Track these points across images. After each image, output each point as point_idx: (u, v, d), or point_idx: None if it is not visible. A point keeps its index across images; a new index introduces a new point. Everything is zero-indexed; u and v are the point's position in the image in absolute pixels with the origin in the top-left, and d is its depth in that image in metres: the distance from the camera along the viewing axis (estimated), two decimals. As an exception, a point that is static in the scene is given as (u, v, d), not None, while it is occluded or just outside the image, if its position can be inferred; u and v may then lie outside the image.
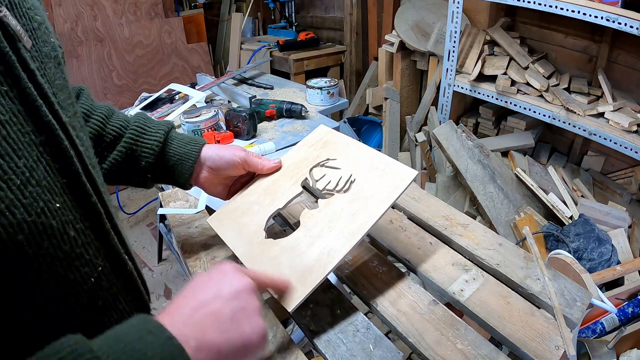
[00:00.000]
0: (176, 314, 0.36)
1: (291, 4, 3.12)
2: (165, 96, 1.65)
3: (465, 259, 0.70)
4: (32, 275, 0.31)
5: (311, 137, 0.74)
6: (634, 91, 1.51)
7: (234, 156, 0.64)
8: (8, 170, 0.29)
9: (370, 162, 0.65)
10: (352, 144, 0.70)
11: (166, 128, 0.64)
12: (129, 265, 0.42)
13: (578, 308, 0.61)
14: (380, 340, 0.57)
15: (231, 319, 0.37)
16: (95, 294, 0.37)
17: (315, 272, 0.54)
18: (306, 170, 0.68)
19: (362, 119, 2.66)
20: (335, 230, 0.58)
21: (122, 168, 0.60)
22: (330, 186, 0.65)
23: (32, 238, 0.30)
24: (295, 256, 0.57)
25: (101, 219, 0.38)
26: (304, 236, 0.59)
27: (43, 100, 0.33)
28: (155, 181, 0.65)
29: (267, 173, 0.69)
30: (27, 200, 0.30)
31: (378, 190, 0.61)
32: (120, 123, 0.61)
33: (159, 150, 0.62)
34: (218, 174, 0.66)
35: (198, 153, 0.64)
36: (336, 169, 0.67)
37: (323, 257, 0.56)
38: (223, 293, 0.39)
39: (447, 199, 1.59)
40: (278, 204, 0.65)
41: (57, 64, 0.38)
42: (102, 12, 2.53)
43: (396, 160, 0.64)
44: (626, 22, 1.14)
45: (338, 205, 0.61)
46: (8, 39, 0.31)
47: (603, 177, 1.65)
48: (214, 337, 0.35)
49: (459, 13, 1.56)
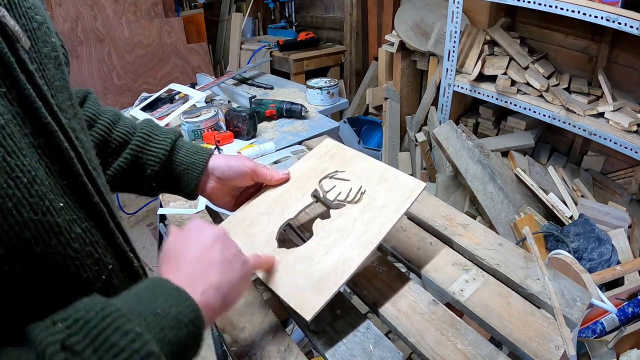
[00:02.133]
0: (178, 273, 0.41)
1: (291, 4, 3.12)
2: (165, 96, 1.65)
3: (465, 259, 0.71)
4: (44, 273, 0.31)
5: (318, 149, 0.75)
6: (634, 91, 1.51)
7: (242, 166, 0.63)
8: (15, 168, 0.29)
9: (379, 174, 0.67)
10: (359, 157, 0.72)
11: (173, 136, 0.63)
12: (135, 263, 0.42)
13: (578, 308, 0.61)
14: (380, 340, 0.57)
15: (222, 260, 0.44)
16: (107, 292, 0.37)
17: (332, 281, 0.55)
18: (315, 182, 0.69)
19: (362, 119, 2.66)
20: (350, 239, 0.59)
21: (127, 175, 0.59)
22: (341, 197, 0.66)
23: (39, 235, 0.30)
24: (310, 265, 0.57)
25: (105, 218, 0.38)
26: (318, 245, 0.60)
27: (42, 101, 0.33)
28: (160, 190, 0.64)
29: (275, 184, 0.69)
30: (34, 199, 0.30)
31: (389, 201, 0.63)
32: (126, 129, 0.60)
33: (165, 158, 0.60)
34: (226, 185, 0.65)
35: (205, 163, 0.63)
36: (346, 180, 0.68)
37: (339, 266, 0.56)
38: (208, 242, 0.45)
39: (447, 199, 1.59)
40: (289, 214, 0.65)
41: (57, 64, 0.38)
42: (102, 12, 2.53)
43: (405, 173, 0.66)
44: (626, 22, 1.14)
45: (350, 216, 0.62)
46: (6, 40, 0.31)
47: (603, 177, 1.65)
48: (214, 279, 0.42)
49: (459, 13, 1.56)
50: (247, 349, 0.57)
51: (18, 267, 0.29)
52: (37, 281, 0.31)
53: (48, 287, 0.32)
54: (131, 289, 0.36)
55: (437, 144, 1.51)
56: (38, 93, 0.33)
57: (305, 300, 0.54)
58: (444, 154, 1.50)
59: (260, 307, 0.64)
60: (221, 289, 0.42)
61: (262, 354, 0.56)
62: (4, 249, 0.28)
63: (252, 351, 0.56)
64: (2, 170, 0.28)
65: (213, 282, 0.41)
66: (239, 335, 0.59)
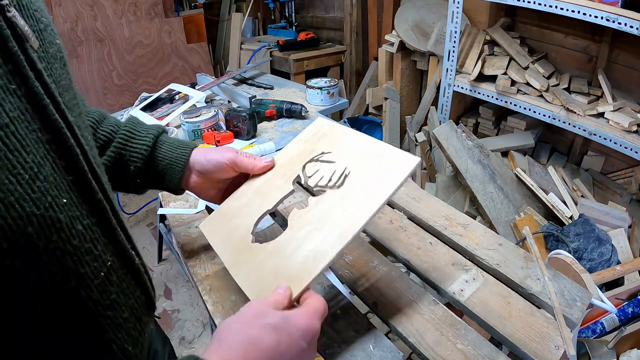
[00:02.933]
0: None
1: (291, 4, 3.13)
2: (165, 96, 1.65)
3: (465, 259, 0.70)
4: (44, 268, 0.32)
5: (307, 131, 0.69)
6: (634, 91, 1.51)
7: (221, 158, 0.62)
8: (17, 165, 0.29)
9: (367, 151, 0.59)
10: (349, 134, 0.63)
11: (156, 132, 0.62)
12: (136, 261, 0.42)
13: (578, 308, 0.61)
14: (380, 340, 0.57)
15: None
16: (105, 288, 0.37)
17: (299, 279, 0.48)
18: (299, 167, 0.63)
19: (362, 119, 2.66)
20: (324, 230, 0.52)
21: (112, 173, 0.59)
22: (322, 182, 0.58)
23: (41, 230, 0.30)
24: (279, 261, 0.51)
25: (107, 215, 0.38)
26: (291, 239, 0.53)
27: (50, 99, 0.33)
28: (146, 187, 0.64)
29: (259, 173, 0.65)
30: (36, 195, 0.30)
31: (374, 182, 0.54)
32: (110, 128, 0.61)
33: (147, 154, 0.61)
34: (208, 178, 0.64)
35: (187, 157, 0.62)
36: (330, 162, 0.61)
37: (308, 262, 0.49)
38: (296, 345, 0.41)
39: (447, 199, 1.59)
40: (267, 204, 0.60)
41: (62, 65, 0.39)
42: (102, 12, 2.53)
43: (397, 148, 0.58)
44: (626, 22, 1.14)
45: (329, 203, 0.55)
46: (17, 39, 0.31)
47: (603, 177, 1.65)
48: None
49: (459, 13, 1.56)
50: (247, 349, 0.57)
51: (20, 261, 0.30)
52: (38, 277, 0.31)
53: (47, 282, 0.32)
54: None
55: (437, 144, 1.51)
56: (46, 91, 0.33)
57: None
58: (444, 154, 1.50)
59: (260, 307, 0.63)
60: None
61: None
62: (7, 243, 0.28)
63: (252, 351, 0.56)
64: (3, 167, 0.28)
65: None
66: (239, 335, 0.59)
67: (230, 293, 0.66)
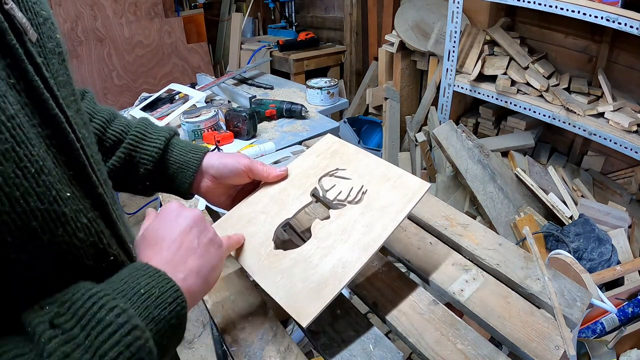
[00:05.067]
0: (158, 258, 0.42)
1: (291, 4, 3.13)
2: (165, 96, 1.65)
3: (465, 259, 0.70)
4: (49, 262, 0.32)
5: (319, 145, 0.73)
6: (634, 91, 1.51)
7: (237, 164, 0.62)
8: (24, 158, 0.29)
9: (382, 173, 0.65)
10: (361, 154, 0.69)
11: (168, 135, 0.61)
12: (134, 253, 0.43)
13: (578, 308, 0.61)
14: (380, 340, 0.57)
15: (200, 245, 0.45)
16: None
17: (331, 286, 0.53)
18: (315, 180, 0.67)
19: (362, 119, 2.66)
20: (350, 241, 0.57)
21: (121, 174, 0.58)
22: (341, 196, 0.64)
23: (46, 225, 0.31)
24: (307, 268, 0.55)
25: (108, 209, 0.38)
26: (317, 247, 0.58)
27: (49, 93, 0.33)
28: (155, 189, 0.63)
29: (272, 181, 0.67)
30: (41, 189, 0.30)
31: (391, 202, 0.60)
32: (121, 128, 0.59)
33: (158, 157, 0.60)
34: (221, 183, 0.63)
35: (200, 161, 0.61)
36: (346, 179, 0.66)
37: (338, 270, 0.54)
38: (185, 227, 0.45)
39: (447, 199, 1.59)
40: (287, 213, 0.63)
41: (61, 60, 0.38)
42: (102, 12, 2.54)
43: (408, 172, 0.64)
44: (626, 22, 1.14)
45: (351, 217, 0.60)
46: (15, 32, 0.31)
47: (603, 177, 1.65)
48: (194, 265, 0.43)
49: (459, 13, 1.56)
50: (247, 349, 0.57)
51: (25, 255, 0.30)
52: (43, 270, 0.31)
53: (52, 276, 0.32)
54: (117, 273, 0.37)
55: (437, 144, 1.51)
56: (45, 85, 0.33)
57: (302, 306, 0.52)
58: (444, 154, 1.50)
59: (261, 307, 0.64)
60: (201, 274, 0.44)
61: (262, 354, 0.56)
62: (11, 237, 0.28)
63: (252, 351, 0.56)
64: (10, 159, 0.28)
65: (193, 268, 0.43)
66: (239, 335, 0.59)
67: (230, 293, 0.66)
